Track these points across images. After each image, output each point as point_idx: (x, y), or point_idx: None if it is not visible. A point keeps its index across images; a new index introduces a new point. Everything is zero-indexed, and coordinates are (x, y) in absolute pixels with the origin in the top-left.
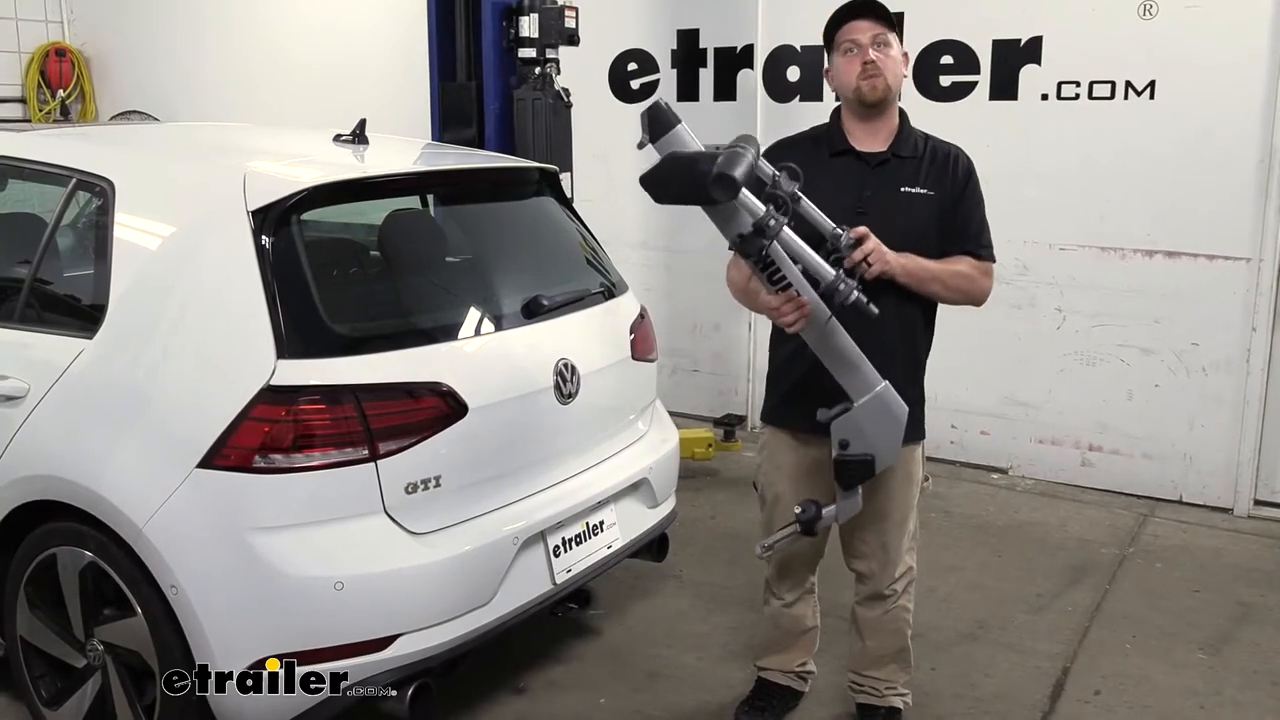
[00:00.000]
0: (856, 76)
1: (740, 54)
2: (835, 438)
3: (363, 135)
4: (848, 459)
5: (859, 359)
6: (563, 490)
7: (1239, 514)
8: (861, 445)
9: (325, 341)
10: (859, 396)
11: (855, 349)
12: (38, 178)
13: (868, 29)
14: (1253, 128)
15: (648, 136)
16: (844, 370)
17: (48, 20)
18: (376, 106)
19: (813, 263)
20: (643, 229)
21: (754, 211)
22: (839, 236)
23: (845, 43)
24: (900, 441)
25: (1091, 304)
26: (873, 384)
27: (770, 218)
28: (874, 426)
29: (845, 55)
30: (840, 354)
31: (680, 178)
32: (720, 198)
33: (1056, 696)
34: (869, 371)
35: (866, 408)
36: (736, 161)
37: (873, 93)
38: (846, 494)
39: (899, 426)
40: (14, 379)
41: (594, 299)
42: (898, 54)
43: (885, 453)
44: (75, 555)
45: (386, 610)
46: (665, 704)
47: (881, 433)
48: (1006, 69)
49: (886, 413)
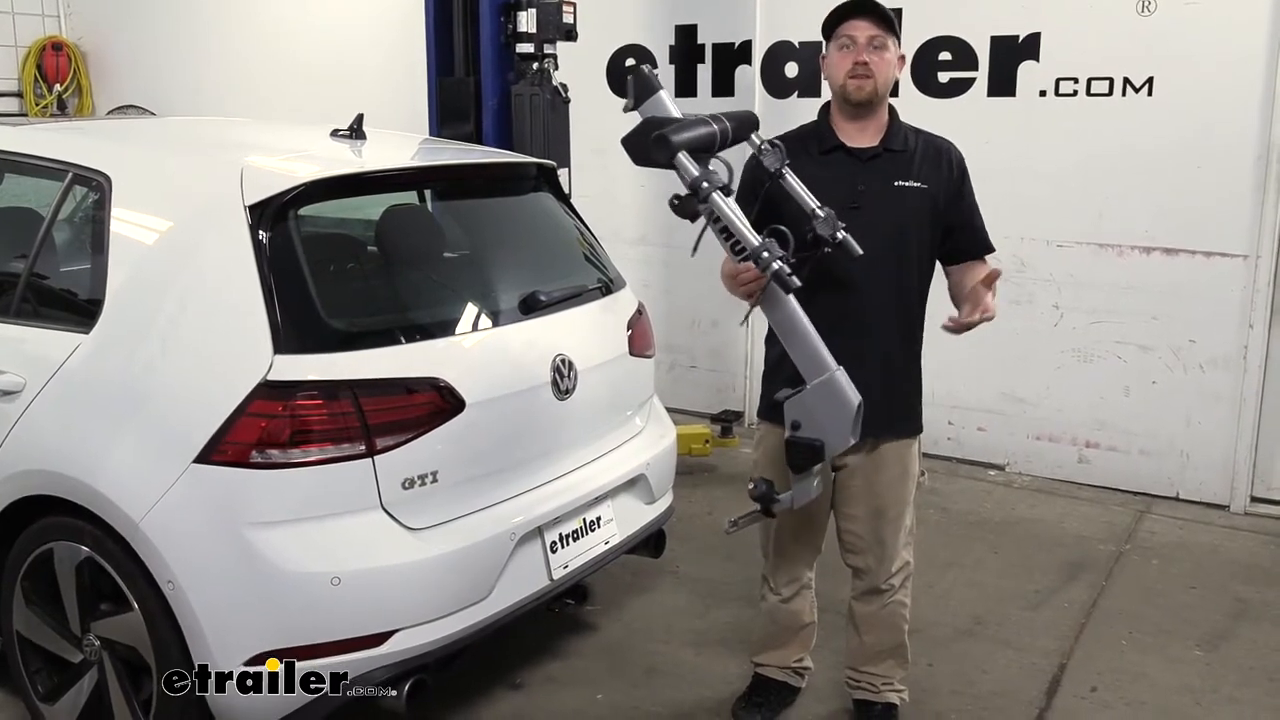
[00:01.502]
0: (846, 74)
1: (738, 50)
2: (788, 418)
3: (360, 130)
4: (797, 440)
5: (814, 340)
6: (560, 486)
7: (1236, 511)
8: (812, 429)
9: (322, 337)
10: (812, 378)
11: (811, 330)
12: (34, 172)
13: (866, 29)
14: (1251, 125)
15: (632, 101)
16: (798, 349)
17: (44, 14)
18: (374, 102)
19: (740, 230)
20: (641, 225)
21: (688, 174)
22: (819, 216)
23: (842, 37)
24: (850, 431)
25: (1089, 301)
26: (827, 367)
27: (703, 179)
28: (824, 411)
29: (840, 50)
30: (794, 332)
31: (645, 141)
32: (659, 158)
33: (1053, 693)
34: (824, 355)
35: (818, 391)
36: (684, 130)
37: (858, 93)
38: (798, 477)
39: (849, 414)
40: (10, 374)
41: (591, 295)
42: (893, 56)
43: (834, 438)
44: (72, 550)
45: (383, 606)
46: (662, 699)
47: (830, 418)
48: (1005, 65)
49: (837, 398)
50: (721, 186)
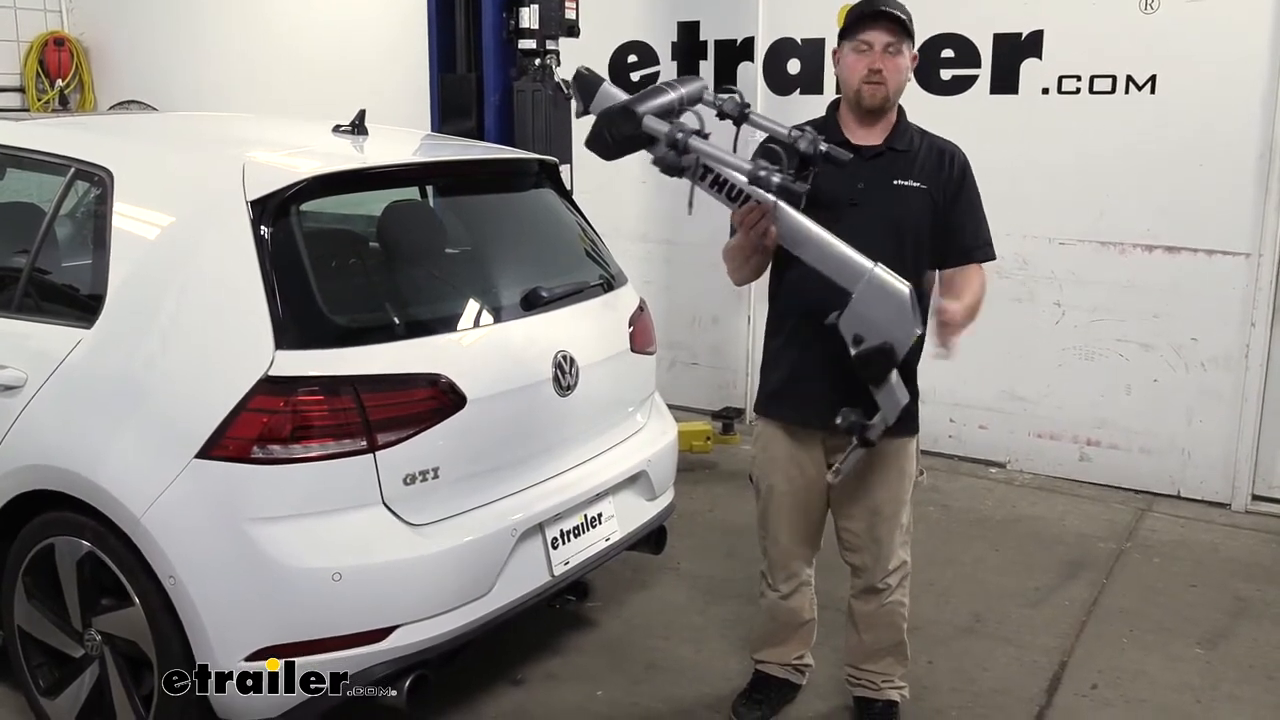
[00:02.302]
0: (860, 79)
1: (741, 46)
2: (846, 334)
3: (362, 126)
4: (867, 353)
5: (841, 248)
6: (561, 482)
7: (1236, 509)
8: (875, 334)
9: (324, 332)
10: (853, 285)
11: (835, 241)
12: (36, 167)
13: (883, 37)
14: (1253, 123)
15: (581, 105)
16: (828, 261)
17: (46, 9)
18: (376, 98)
19: (730, 162)
20: (642, 221)
21: (659, 132)
22: (796, 136)
23: (861, 42)
24: (913, 321)
25: (1091, 299)
26: (864, 268)
27: (677, 130)
28: (879, 310)
29: (856, 53)
30: (819, 245)
31: (607, 130)
32: (627, 129)
33: (1053, 690)
34: (856, 258)
35: (864, 294)
36: (643, 100)
37: (872, 99)
38: (880, 389)
39: (904, 304)
40: (12, 369)
41: (593, 291)
42: (906, 60)
43: (900, 333)
44: (73, 545)
45: (384, 601)
46: (663, 696)
47: (888, 315)
48: (1007, 63)
49: (886, 292)
50: (695, 130)
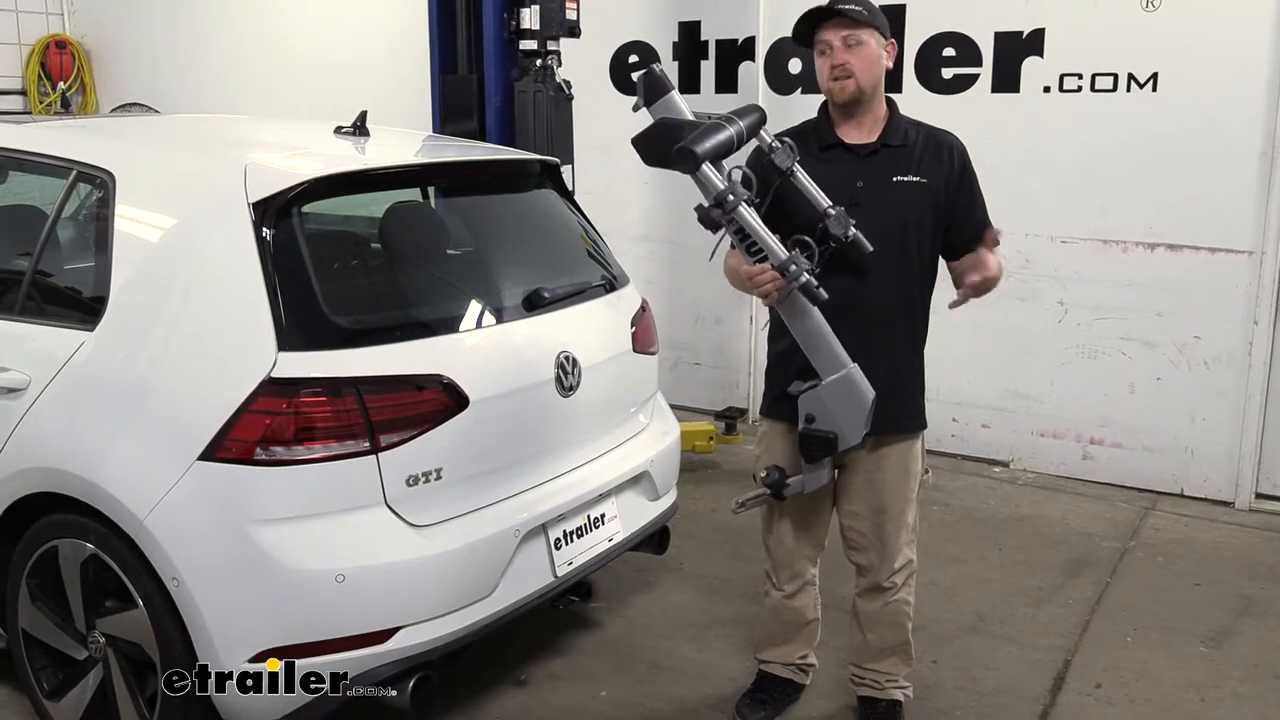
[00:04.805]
0: (828, 79)
1: (741, 46)
2: (802, 411)
3: (363, 127)
4: (812, 433)
5: (830, 338)
6: (564, 483)
7: (1240, 507)
8: (826, 422)
9: (326, 333)
10: (827, 375)
11: (827, 328)
12: (38, 170)
13: (837, 32)
14: (1255, 120)
15: (642, 100)
16: (814, 348)
17: (48, 12)
18: (377, 99)
19: (767, 242)
20: (645, 222)
21: (713, 187)
22: (830, 214)
23: (820, 44)
24: (864, 425)
25: (1093, 297)
26: (843, 364)
27: (729, 193)
28: (838, 405)
29: (820, 57)
30: (810, 332)
31: (659, 144)
32: (681, 169)
33: (1057, 689)
34: (839, 352)
35: (833, 386)
36: (705, 137)
37: (841, 94)
38: (810, 466)
39: (863, 409)
40: (15, 371)
41: (595, 292)
42: (874, 50)
43: (848, 432)
44: (76, 548)
45: (388, 603)
46: (666, 696)
47: (845, 412)
48: (1009, 61)
49: (851, 394)
50: (746, 199)
